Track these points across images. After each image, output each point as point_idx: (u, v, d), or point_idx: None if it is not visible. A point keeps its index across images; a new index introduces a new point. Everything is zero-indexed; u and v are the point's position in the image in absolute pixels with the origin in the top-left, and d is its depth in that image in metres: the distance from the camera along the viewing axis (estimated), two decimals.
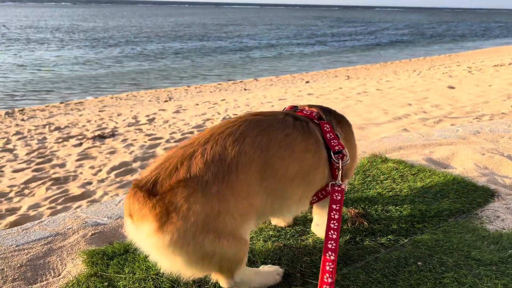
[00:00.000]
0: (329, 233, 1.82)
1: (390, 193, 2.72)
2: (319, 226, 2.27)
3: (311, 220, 2.34)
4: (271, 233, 2.30)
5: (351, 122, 2.28)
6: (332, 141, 1.95)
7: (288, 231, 2.32)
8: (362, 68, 19.64)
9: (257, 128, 1.74)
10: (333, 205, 1.91)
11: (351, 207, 2.52)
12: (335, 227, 1.83)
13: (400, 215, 2.43)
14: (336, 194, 1.94)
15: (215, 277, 1.76)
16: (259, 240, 2.22)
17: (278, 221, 2.40)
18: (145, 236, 1.54)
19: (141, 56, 23.99)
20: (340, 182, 1.96)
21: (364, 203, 2.58)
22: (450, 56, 23.75)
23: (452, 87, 10.71)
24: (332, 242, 1.79)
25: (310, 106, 2.14)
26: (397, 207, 2.52)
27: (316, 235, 2.28)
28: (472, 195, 2.69)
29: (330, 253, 1.75)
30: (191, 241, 1.53)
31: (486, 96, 9.14)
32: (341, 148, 1.95)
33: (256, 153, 1.69)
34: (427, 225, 2.34)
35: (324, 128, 1.97)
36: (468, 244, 2.15)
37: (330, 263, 1.71)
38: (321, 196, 2.04)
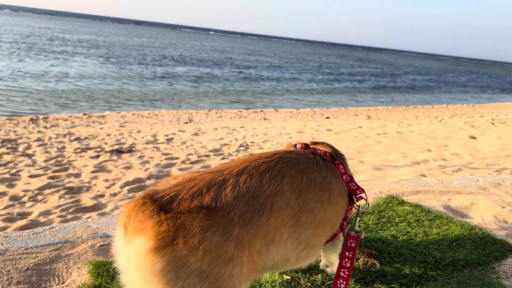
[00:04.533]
0: (338, 282, 1.70)
1: (405, 236, 2.66)
2: (328, 268, 2.20)
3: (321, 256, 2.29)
4: None
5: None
6: (350, 184, 1.85)
7: None
8: (383, 109, 19.63)
9: (295, 167, 1.60)
10: (346, 252, 1.79)
11: (363, 247, 2.46)
12: (345, 276, 1.73)
13: (413, 260, 2.37)
14: (351, 240, 1.83)
15: None
16: None
17: None
18: (134, 253, 1.28)
19: (164, 76, 24.49)
20: (357, 229, 1.86)
21: (378, 243, 2.52)
22: (473, 106, 23.59)
23: (473, 137, 10.58)
24: None
25: (314, 143, 2.04)
26: (411, 251, 2.45)
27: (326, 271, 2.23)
28: (489, 248, 2.61)
29: None
30: (183, 280, 1.27)
31: (508, 149, 8.98)
32: (362, 191, 1.85)
33: (294, 194, 1.52)
34: (440, 273, 2.27)
35: (340, 170, 1.86)
36: None
37: None
38: (329, 239, 1.91)
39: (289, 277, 2.13)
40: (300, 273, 2.18)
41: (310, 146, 1.96)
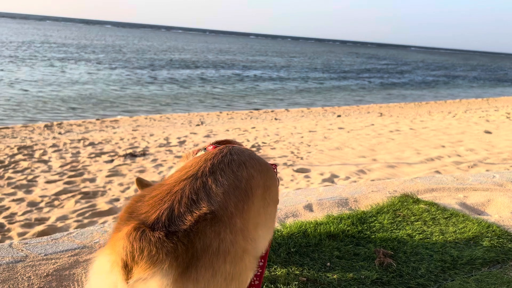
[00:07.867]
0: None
1: (421, 235, 2.64)
2: None
3: (337, 256, 2.29)
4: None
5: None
6: None
7: (314, 264, 2.27)
8: (396, 106, 19.47)
9: (249, 155, 1.69)
10: None
11: (379, 247, 2.45)
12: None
13: (430, 259, 2.35)
14: None
15: None
16: (282, 269, 2.18)
17: None
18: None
19: (176, 80, 24.63)
20: None
21: (393, 243, 2.51)
22: (488, 100, 23.25)
23: (489, 132, 10.44)
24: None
25: (218, 142, 2.05)
26: (427, 250, 2.44)
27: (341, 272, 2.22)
28: (507, 245, 2.58)
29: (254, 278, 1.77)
30: None
31: None
32: (275, 166, 2.01)
33: (260, 175, 1.63)
34: (458, 272, 2.25)
35: None
36: None
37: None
38: None
39: (305, 279, 2.13)
40: (316, 274, 2.18)
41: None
